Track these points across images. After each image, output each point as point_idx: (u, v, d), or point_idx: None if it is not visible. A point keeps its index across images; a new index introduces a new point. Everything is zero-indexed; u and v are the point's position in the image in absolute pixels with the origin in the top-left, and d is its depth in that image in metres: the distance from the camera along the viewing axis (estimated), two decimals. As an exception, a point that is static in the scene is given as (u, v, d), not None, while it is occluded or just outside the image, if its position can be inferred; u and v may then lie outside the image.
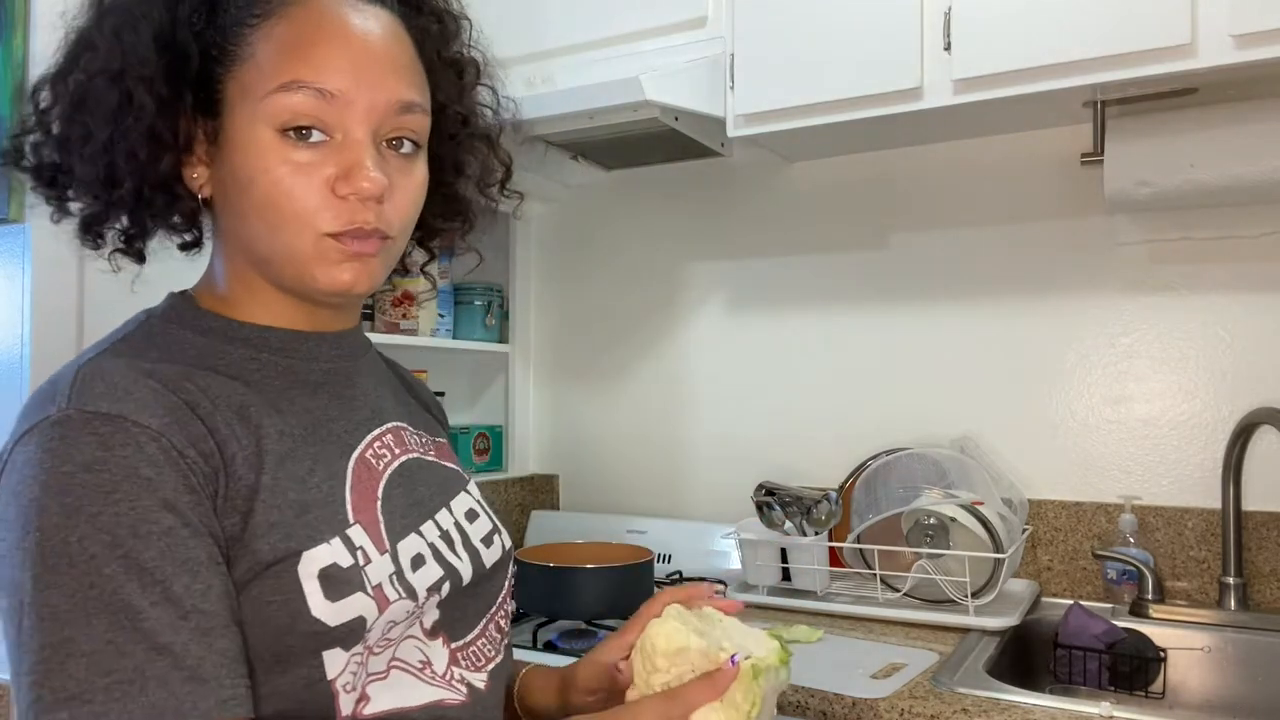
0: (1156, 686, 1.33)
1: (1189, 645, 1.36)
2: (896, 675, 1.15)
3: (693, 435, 1.94)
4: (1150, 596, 1.43)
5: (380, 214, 0.66)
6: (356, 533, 0.66)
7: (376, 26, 0.67)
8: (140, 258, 0.72)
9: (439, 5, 0.75)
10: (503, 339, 2.04)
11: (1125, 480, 1.56)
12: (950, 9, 1.37)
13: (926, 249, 1.72)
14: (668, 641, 0.73)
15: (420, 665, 0.69)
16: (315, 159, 0.64)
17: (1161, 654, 1.34)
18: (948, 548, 1.38)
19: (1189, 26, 1.22)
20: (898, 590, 1.43)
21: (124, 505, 0.55)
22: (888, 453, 1.63)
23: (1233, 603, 1.41)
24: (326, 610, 0.61)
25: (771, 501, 1.54)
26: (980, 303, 1.68)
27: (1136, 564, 1.45)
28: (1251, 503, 1.44)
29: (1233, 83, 1.34)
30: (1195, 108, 1.40)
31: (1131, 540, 1.50)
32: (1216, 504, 1.45)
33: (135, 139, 0.64)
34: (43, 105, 0.67)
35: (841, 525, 1.58)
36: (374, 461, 0.73)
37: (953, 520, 1.38)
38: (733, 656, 0.71)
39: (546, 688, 0.84)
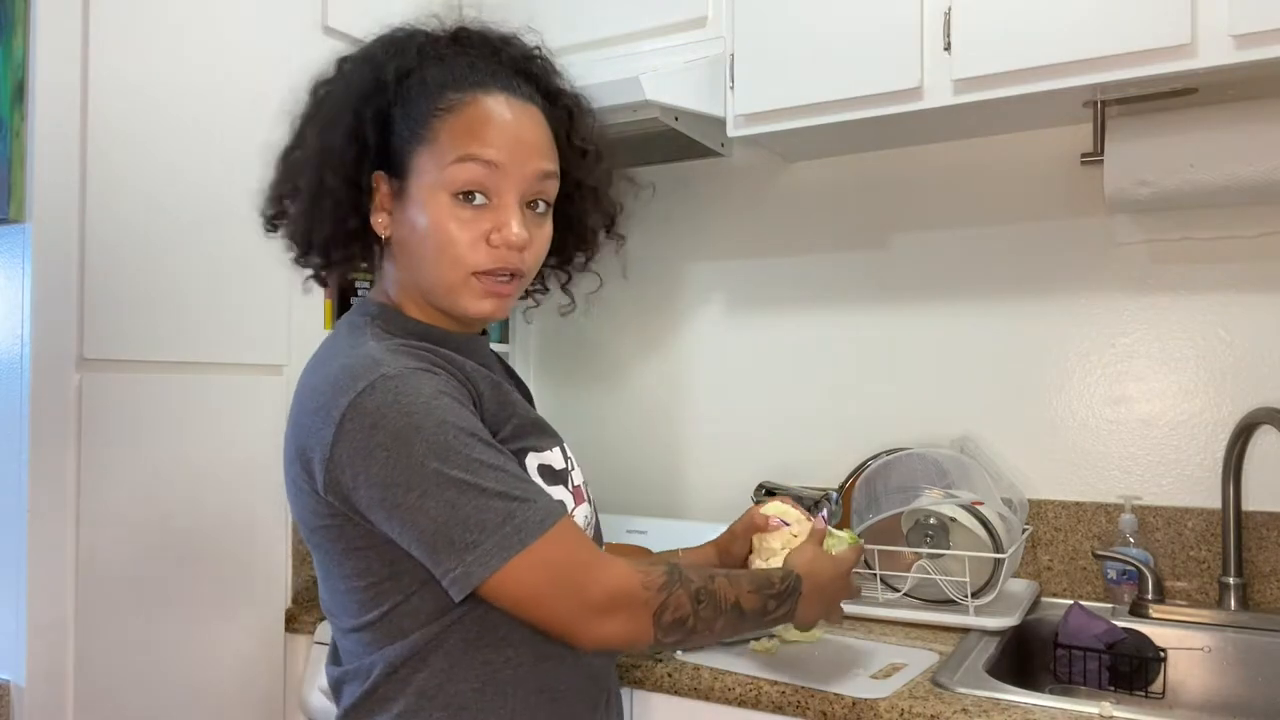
0: (1156, 686, 1.33)
1: (1189, 645, 1.36)
2: (896, 675, 1.15)
3: (692, 435, 1.94)
4: (1150, 596, 1.44)
5: (521, 259, 0.88)
6: (568, 450, 0.96)
7: (525, 116, 0.89)
8: (324, 284, 1.00)
9: (569, 101, 0.97)
10: (503, 339, 2.04)
11: (1125, 480, 1.56)
12: (950, 9, 1.37)
13: (926, 249, 1.72)
14: (786, 510, 1.15)
15: None
16: (476, 216, 0.86)
17: (1161, 654, 1.34)
18: (948, 548, 1.38)
19: (1189, 26, 1.22)
20: (898, 590, 1.43)
21: (465, 411, 0.82)
22: (888, 453, 1.63)
23: (1233, 603, 1.41)
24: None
25: (771, 501, 1.54)
26: (980, 303, 1.68)
27: (1136, 564, 1.45)
28: (1251, 503, 1.44)
29: (1233, 83, 1.34)
30: (1195, 108, 1.40)
31: (1131, 540, 1.50)
32: (1216, 504, 1.45)
33: (325, 210, 0.89)
34: (275, 175, 0.94)
35: (841, 525, 1.57)
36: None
37: (953, 520, 1.38)
38: (820, 515, 1.14)
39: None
